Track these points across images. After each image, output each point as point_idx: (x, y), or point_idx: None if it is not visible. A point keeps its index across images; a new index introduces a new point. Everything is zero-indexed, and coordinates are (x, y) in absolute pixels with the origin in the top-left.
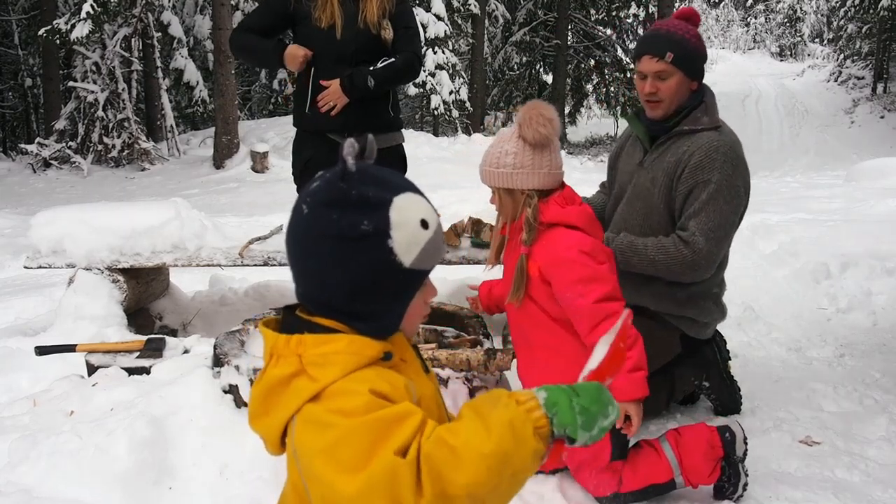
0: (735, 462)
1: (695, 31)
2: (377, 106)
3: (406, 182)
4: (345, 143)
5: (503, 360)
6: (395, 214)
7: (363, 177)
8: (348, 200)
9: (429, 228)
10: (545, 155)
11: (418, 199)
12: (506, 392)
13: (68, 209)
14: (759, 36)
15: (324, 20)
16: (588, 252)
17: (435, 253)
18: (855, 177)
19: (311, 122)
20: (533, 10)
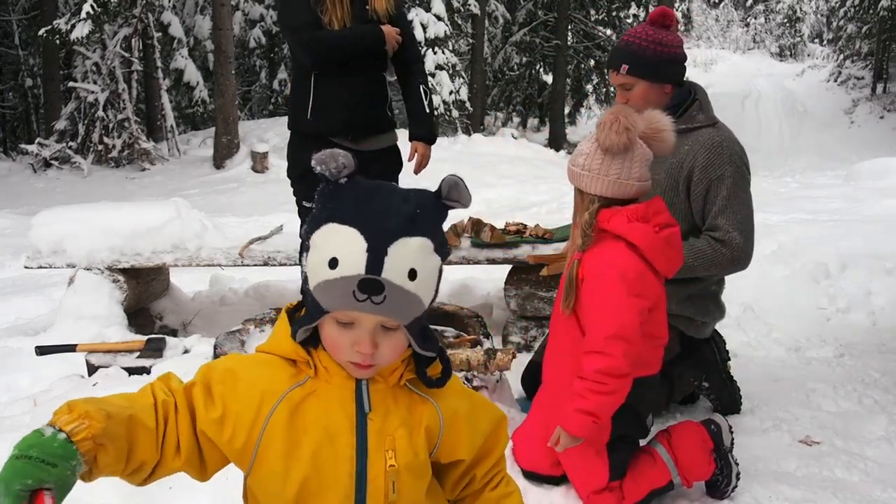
0: (725, 452)
1: (657, 35)
2: (378, 107)
3: (362, 216)
4: (322, 155)
5: (503, 360)
6: (315, 238)
7: (337, 192)
8: (315, 207)
9: (335, 269)
10: (616, 162)
11: (348, 237)
12: None
13: (69, 209)
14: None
15: (336, 23)
16: (628, 280)
17: (335, 297)
18: (854, 177)
19: (313, 126)
20: (533, 11)
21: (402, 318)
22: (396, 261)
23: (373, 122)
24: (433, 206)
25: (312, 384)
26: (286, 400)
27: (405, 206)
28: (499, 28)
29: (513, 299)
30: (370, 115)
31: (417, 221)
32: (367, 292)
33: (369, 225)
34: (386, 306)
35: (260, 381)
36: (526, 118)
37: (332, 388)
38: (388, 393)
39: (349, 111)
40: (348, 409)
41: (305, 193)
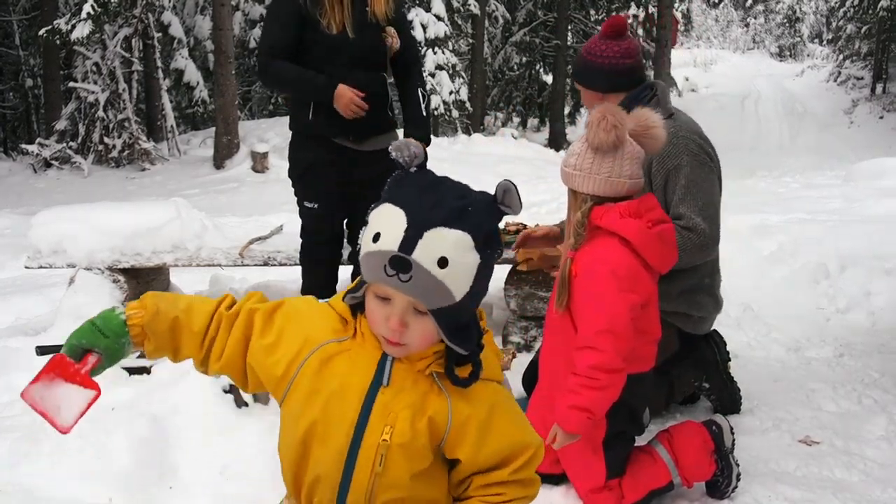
0: (726, 454)
1: (609, 49)
2: (379, 108)
3: (411, 200)
4: (398, 143)
5: (503, 361)
6: (372, 214)
7: (404, 178)
8: (385, 189)
9: (377, 243)
10: (607, 161)
11: (395, 217)
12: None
13: (69, 209)
14: (758, 36)
15: (335, 26)
16: (619, 276)
17: (371, 269)
18: (854, 177)
19: (316, 127)
20: (533, 11)
21: (427, 301)
22: (429, 246)
23: (374, 123)
24: (486, 207)
25: (349, 344)
26: (321, 350)
27: (457, 202)
28: (499, 28)
29: (513, 299)
30: (371, 116)
31: (463, 216)
32: (396, 268)
33: (416, 209)
34: (412, 286)
35: (309, 326)
36: (526, 118)
37: (363, 352)
38: (410, 375)
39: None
40: (367, 375)
41: (306, 193)
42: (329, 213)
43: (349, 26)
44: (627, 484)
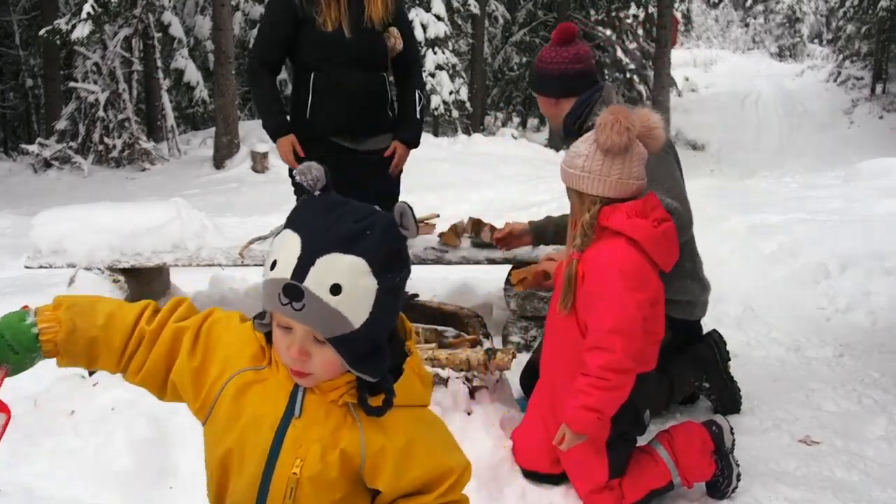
0: (726, 454)
1: (561, 55)
2: (377, 107)
3: (306, 226)
4: (303, 166)
5: (503, 360)
6: (273, 241)
7: (305, 202)
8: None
9: (273, 271)
10: (617, 163)
11: (291, 244)
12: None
13: (69, 209)
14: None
15: (329, 23)
16: (628, 275)
17: (267, 297)
18: (854, 177)
19: (313, 127)
20: (533, 11)
21: (323, 330)
22: (322, 272)
23: (372, 122)
24: (385, 229)
25: (266, 373)
26: (238, 377)
27: (354, 225)
28: (499, 28)
29: (513, 299)
30: (369, 115)
31: (358, 240)
32: (289, 297)
33: (312, 234)
34: (305, 315)
35: (229, 350)
36: (526, 118)
37: (276, 382)
38: (323, 407)
39: (348, 111)
40: (279, 406)
41: (303, 193)
42: None
43: (345, 26)
44: (628, 484)
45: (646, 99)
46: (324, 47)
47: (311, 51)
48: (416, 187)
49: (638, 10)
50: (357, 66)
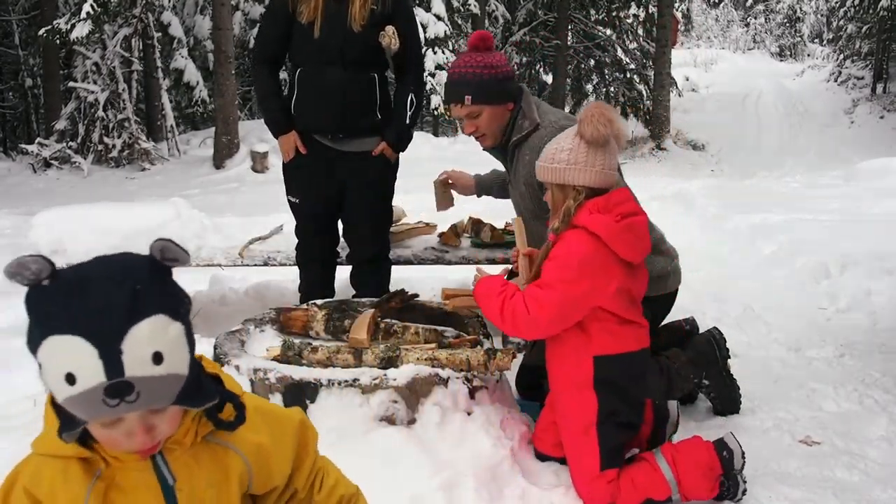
0: (734, 475)
1: (485, 59)
2: (364, 107)
3: (79, 320)
4: (10, 267)
5: (503, 360)
6: (41, 356)
7: (42, 299)
8: (28, 320)
9: (75, 385)
10: (600, 154)
11: (76, 348)
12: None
13: (69, 209)
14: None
15: (306, 16)
16: (576, 265)
17: (87, 410)
18: (855, 177)
19: (296, 122)
20: (533, 11)
21: (164, 401)
22: (135, 353)
23: (354, 124)
24: (150, 275)
25: (108, 473)
26: (91, 498)
27: (120, 293)
28: (499, 28)
29: None
30: (353, 116)
31: (139, 302)
32: (117, 396)
33: (91, 328)
34: (143, 400)
35: (58, 491)
36: None
37: (130, 472)
38: (189, 456)
39: (327, 109)
40: (153, 488)
41: (289, 187)
42: (311, 209)
43: (319, 22)
44: (626, 484)
45: (646, 99)
46: (303, 43)
47: (295, 47)
48: (416, 187)
49: (638, 10)
50: (337, 65)
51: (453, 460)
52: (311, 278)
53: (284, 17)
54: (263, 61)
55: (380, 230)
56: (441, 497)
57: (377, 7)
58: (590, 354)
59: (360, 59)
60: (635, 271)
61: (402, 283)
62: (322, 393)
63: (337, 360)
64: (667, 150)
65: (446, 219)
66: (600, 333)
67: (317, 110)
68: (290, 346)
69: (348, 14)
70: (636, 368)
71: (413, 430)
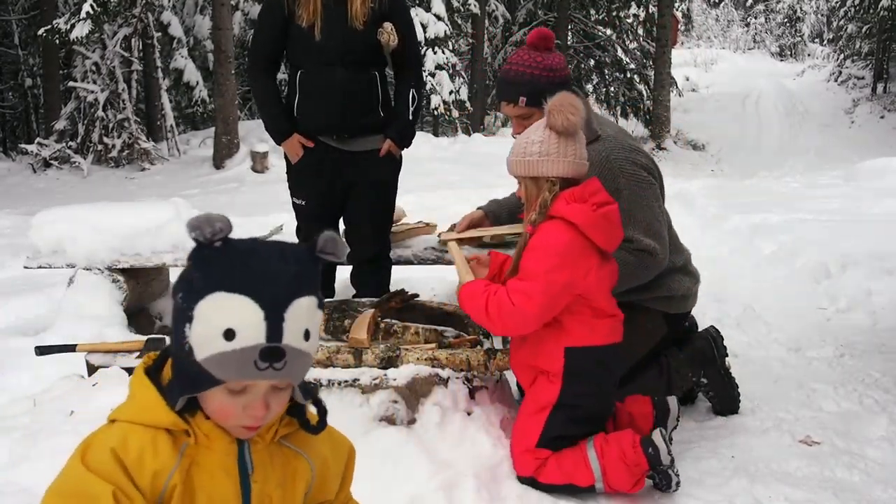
0: (663, 470)
1: (546, 60)
2: (367, 106)
3: (252, 283)
4: (196, 220)
5: (503, 360)
6: (201, 308)
7: (215, 258)
8: (185, 271)
9: (233, 341)
10: (571, 144)
11: (243, 307)
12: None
13: (68, 209)
14: (759, 36)
15: (305, 18)
16: (556, 254)
17: (233, 368)
18: (855, 177)
19: (300, 123)
20: (533, 10)
21: (298, 378)
22: (293, 325)
23: (358, 122)
24: (309, 261)
25: (192, 452)
26: (177, 473)
27: (288, 267)
28: (499, 28)
29: None
30: (357, 115)
31: (303, 280)
32: (268, 360)
33: (261, 291)
34: (286, 371)
35: (147, 460)
36: None
37: (214, 454)
38: (266, 452)
39: (331, 110)
40: (233, 475)
41: (294, 189)
42: (317, 211)
43: (319, 23)
44: (552, 465)
45: (646, 99)
46: (303, 45)
47: (295, 49)
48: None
49: (638, 9)
50: (339, 65)
51: (453, 460)
52: None
53: (281, 22)
54: (261, 67)
55: (381, 230)
56: (441, 497)
57: (376, 5)
58: (562, 346)
59: (361, 58)
60: (606, 262)
61: (402, 283)
62: (322, 393)
63: (337, 360)
64: (667, 150)
65: (446, 219)
66: (574, 325)
67: (320, 111)
68: None
69: (348, 13)
70: (607, 361)
71: (413, 430)
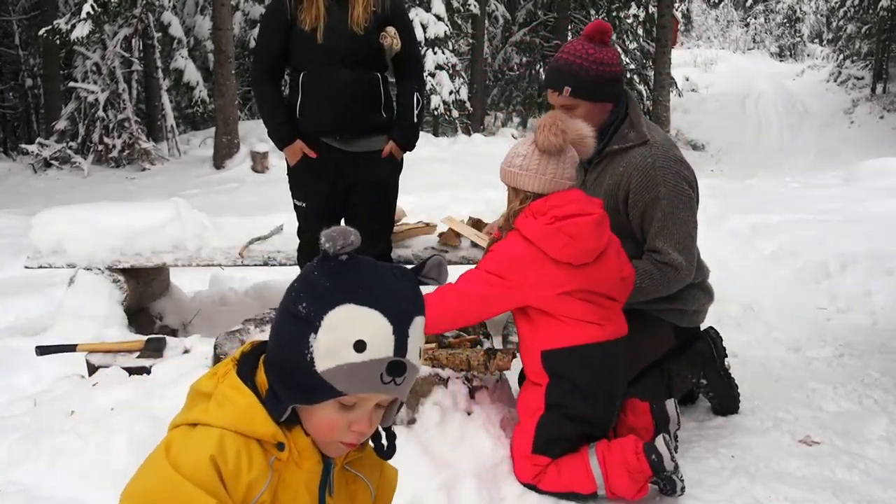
0: (668, 476)
1: (598, 53)
2: (370, 107)
3: (381, 298)
4: (332, 232)
5: (503, 360)
6: (330, 318)
7: (343, 270)
8: (308, 279)
9: (363, 353)
10: (552, 163)
11: (374, 320)
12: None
13: (69, 209)
14: (758, 36)
15: (308, 23)
16: (505, 262)
17: (360, 380)
18: (855, 177)
19: (302, 125)
20: (533, 11)
21: (406, 395)
22: (415, 341)
23: (361, 123)
24: (416, 281)
25: (279, 467)
26: (269, 489)
27: (405, 286)
28: (499, 28)
29: None
30: (359, 116)
31: (417, 300)
32: (393, 374)
33: (390, 307)
34: (403, 386)
35: (244, 470)
36: (526, 118)
37: (301, 472)
38: (339, 474)
39: (334, 111)
40: (314, 494)
41: (295, 191)
42: (317, 213)
43: (322, 26)
44: (552, 472)
45: (646, 99)
46: (306, 48)
47: (297, 52)
48: (416, 187)
49: (638, 10)
50: (342, 66)
51: (453, 460)
52: None
53: (284, 26)
54: (265, 73)
55: (382, 231)
56: (441, 497)
57: (378, 10)
58: (538, 348)
59: (364, 59)
60: (594, 270)
61: None
62: None
63: None
64: None
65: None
66: (545, 327)
67: (323, 112)
68: None
69: (349, 18)
70: (586, 361)
71: (413, 430)
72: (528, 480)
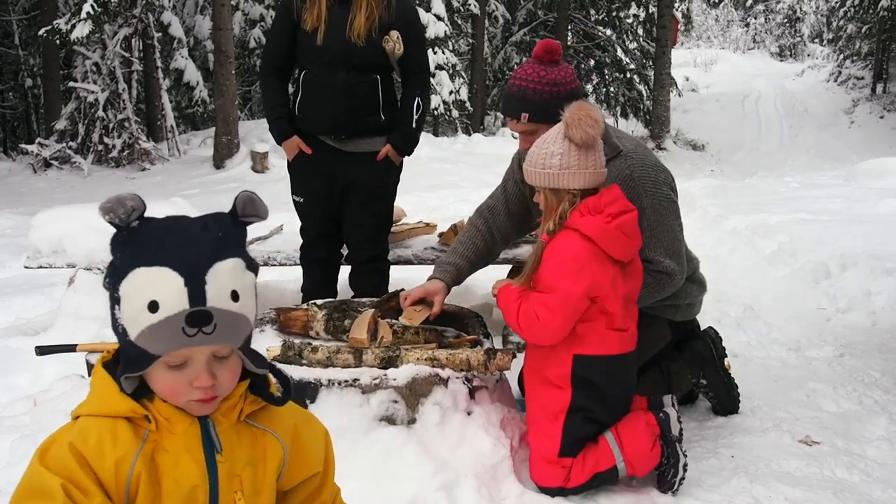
0: (672, 441)
1: (549, 74)
2: (368, 108)
3: (171, 254)
4: (108, 203)
5: (503, 360)
6: (124, 287)
7: (132, 236)
8: (114, 257)
9: (157, 312)
10: (591, 155)
11: (163, 278)
12: None
13: (69, 209)
14: (758, 36)
15: (310, 23)
16: (572, 261)
17: (164, 339)
18: (854, 177)
19: (300, 123)
20: (533, 11)
21: (235, 341)
22: (217, 286)
23: (357, 124)
24: (232, 225)
25: (155, 437)
26: (139, 460)
27: (206, 233)
28: (499, 28)
29: None
30: (356, 117)
31: (224, 244)
32: (196, 325)
33: (178, 259)
34: (218, 334)
35: (107, 450)
36: None
37: (177, 436)
38: (233, 431)
39: (331, 110)
40: (197, 456)
41: (294, 186)
42: (314, 209)
43: (321, 31)
44: (577, 467)
45: (646, 99)
46: (308, 47)
47: (300, 51)
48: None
49: (638, 10)
50: (341, 67)
51: (453, 460)
52: (314, 279)
53: (290, 24)
54: (272, 71)
55: (380, 231)
56: (441, 497)
57: (384, 15)
58: (571, 352)
59: (364, 62)
60: (628, 271)
61: (402, 283)
62: (322, 393)
63: (337, 360)
64: (667, 150)
65: (446, 219)
66: (587, 333)
67: (321, 111)
68: (290, 346)
69: (349, 26)
70: (615, 371)
71: (413, 429)
72: (557, 485)
